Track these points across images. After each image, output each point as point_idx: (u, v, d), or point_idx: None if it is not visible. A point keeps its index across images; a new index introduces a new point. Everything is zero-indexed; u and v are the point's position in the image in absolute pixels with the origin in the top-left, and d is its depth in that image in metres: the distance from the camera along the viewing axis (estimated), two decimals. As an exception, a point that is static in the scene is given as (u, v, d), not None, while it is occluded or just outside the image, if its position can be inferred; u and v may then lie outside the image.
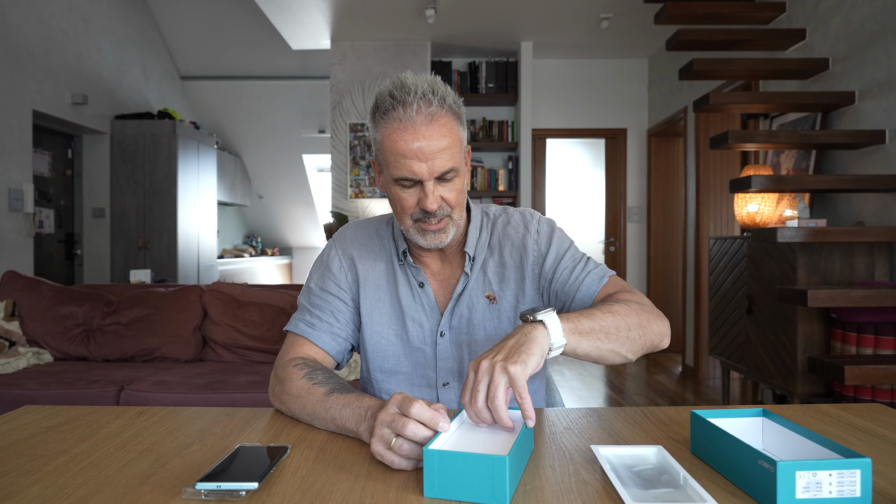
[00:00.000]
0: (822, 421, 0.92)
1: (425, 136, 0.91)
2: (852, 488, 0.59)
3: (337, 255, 1.11)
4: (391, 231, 1.12)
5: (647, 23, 4.38)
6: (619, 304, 0.93)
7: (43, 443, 0.83)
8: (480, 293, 1.07)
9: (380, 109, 0.94)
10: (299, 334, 1.06)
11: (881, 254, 2.42)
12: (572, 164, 7.44)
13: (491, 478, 0.62)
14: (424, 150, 0.91)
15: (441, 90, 0.93)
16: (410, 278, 1.08)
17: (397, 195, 0.97)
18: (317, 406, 0.89)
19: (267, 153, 7.40)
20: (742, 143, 2.60)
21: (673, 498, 0.62)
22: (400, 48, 4.98)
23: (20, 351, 2.78)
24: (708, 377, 4.41)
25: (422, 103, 0.90)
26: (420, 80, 0.93)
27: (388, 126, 0.92)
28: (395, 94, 0.92)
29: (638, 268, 5.47)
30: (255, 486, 0.65)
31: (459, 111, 0.97)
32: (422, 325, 1.07)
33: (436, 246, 1.00)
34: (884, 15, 2.47)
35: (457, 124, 0.96)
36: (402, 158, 0.92)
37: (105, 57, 5.15)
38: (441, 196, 0.96)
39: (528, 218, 1.11)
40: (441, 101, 0.92)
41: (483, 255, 1.09)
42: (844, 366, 2.03)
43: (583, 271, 1.05)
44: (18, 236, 4.15)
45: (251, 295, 3.03)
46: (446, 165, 0.93)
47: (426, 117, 0.91)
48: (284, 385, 0.96)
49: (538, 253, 1.07)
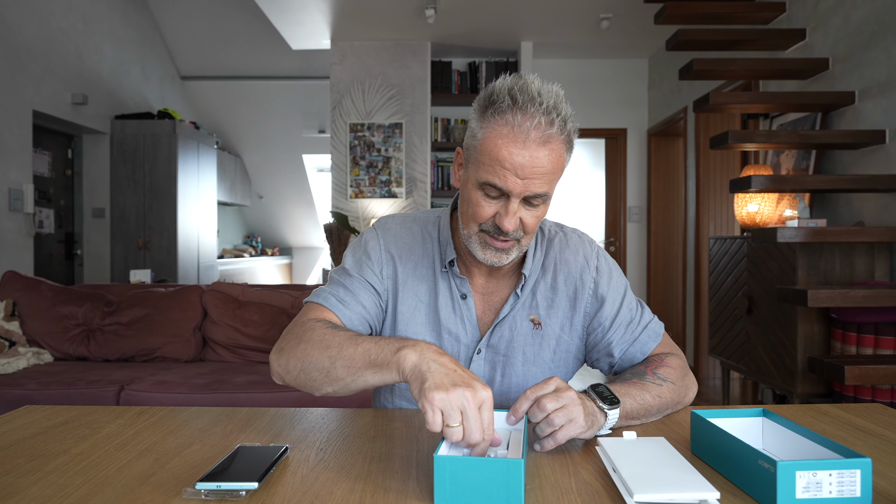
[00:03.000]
0: (822, 421, 0.92)
1: (533, 154, 0.84)
2: (852, 488, 0.60)
3: (378, 245, 1.03)
4: (437, 234, 1.04)
5: (647, 23, 4.38)
6: (668, 383, 0.95)
7: (43, 443, 0.83)
8: (525, 315, 1.02)
9: (494, 105, 0.86)
10: (327, 307, 0.97)
11: (881, 254, 2.42)
12: (572, 164, 7.42)
13: (506, 482, 0.61)
14: (525, 168, 0.84)
15: (564, 112, 0.86)
16: (453, 288, 1.02)
17: (476, 199, 0.90)
18: (346, 342, 0.83)
19: (267, 153, 7.40)
20: (742, 143, 2.60)
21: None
22: (400, 48, 4.98)
23: (20, 351, 2.78)
24: (708, 377, 4.41)
25: (543, 120, 0.83)
26: (546, 92, 0.85)
27: (497, 128, 0.85)
28: (516, 96, 0.84)
29: (638, 268, 5.47)
30: (255, 486, 0.65)
31: (572, 139, 0.90)
32: (459, 340, 1.01)
33: (493, 264, 0.94)
34: (884, 15, 2.47)
35: (566, 153, 0.89)
36: (500, 167, 0.85)
37: (105, 57, 5.15)
38: (521, 218, 0.89)
39: (588, 248, 1.06)
40: (562, 125, 0.85)
41: (535, 276, 1.03)
42: (844, 366, 2.03)
43: (639, 325, 1.03)
44: (18, 236, 4.15)
45: (251, 295, 3.03)
46: (541, 189, 0.86)
47: (543, 136, 0.84)
48: (303, 337, 0.88)
49: (595, 295, 1.03)
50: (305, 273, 8.65)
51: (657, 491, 0.61)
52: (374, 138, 5.01)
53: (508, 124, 0.84)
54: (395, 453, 0.79)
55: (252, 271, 7.56)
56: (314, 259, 8.66)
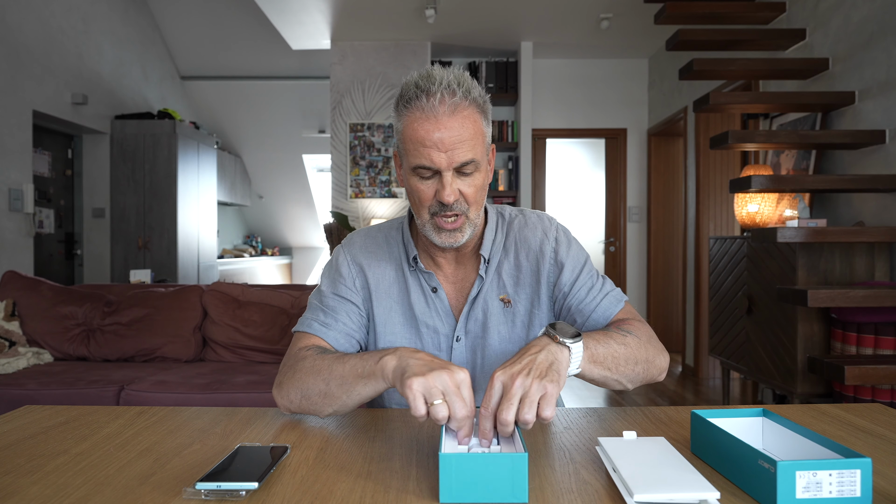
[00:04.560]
0: (822, 421, 0.92)
1: (447, 126, 0.90)
2: (852, 488, 0.59)
3: (346, 260, 1.09)
4: (401, 237, 1.09)
5: (647, 23, 4.38)
6: (632, 335, 0.95)
7: (43, 443, 0.83)
8: (495, 296, 1.06)
9: (403, 98, 0.93)
10: (313, 334, 1.03)
11: (881, 254, 2.42)
12: (572, 164, 7.44)
13: (511, 476, 0.63)
14: (445, 141, 0.90)
15: (467, 83, 0.93)
16: (423, 284, 1.06)
17: (415, 186, 0.96)
18: (333, 364, 0.88)
19: (267, 153, 7.40)
20: (742, 143, 2.60)
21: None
22: (400, 48, 4.98)
23: (20, 351, 2.78)
24: (708, 377, 4.42)
25: (446, 93, 0.90)
26: (447, 72, 0.92)
27: (410, 115, 0.92)
28: (420, 83, 0.91)
29: (638, 268, 5.47)
30: (255, 486, 0.65)
31: (485, 106, 0.96)
32: (437, 331, 1.06)
33: (450, 245, 0.98)
34: (884, 15, 2.47)
35: (481, 118, 0.95)
36: (422, 147, 0.91)
37: (105, 57, 5.15)
38: (459, 190, 0.94)
39: (547, 224, 1.10)
40: (466, 93, 0.92)
41: (498, 257, 1.07)
42: (844, 366, 2.03)
43: (600, 292, 1.04)
44: (18, 236, 4.15)
45: (251, 295, 3.03)
46: (466, 157, 0.92)
47: (449, 107, 0.90)
48: (296, 367, 0.93)
49: (555, 262, 1.06)
50: (305, 273, 8.65)
51: (657, 491, 0.61)
52: (374, 138, 5.01)
53: (419, 108, 0.91)
54: (395, 453, 0.79)
55: (252, 271, 7.56)
56: (314, 259, 8.67)
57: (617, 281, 5.44)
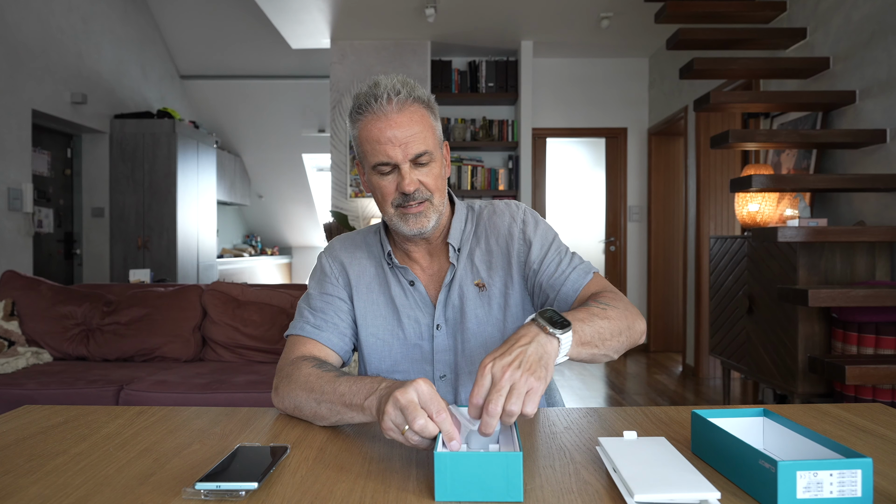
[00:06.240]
0: (822, 421, 0.92)
1: (397, 122, 0.98)
2: (853, 488, 0.59)
3: (328, 261, 1.15)
4: (378, 238, 1.15)
5: (647, 22, 4.37)
6: (611, 308, 0.95)
7: (42, 443, 0.83)
8: (469, 282, 1.10)
9: (356, 107, 1.01)
10: (306, 336, 1.06)
11: (882, 253, 2.42)
12: (572, 164, 7.44)
13: (506, 474, 0.63)
14: (398, 136, 0.97)
15: (410, 84, 1.01)
16: (401, 278, 1.11)
17: (377, 183, 1.02)
18: (325, 385, 0.89)
19: (267, 152, 7.39)
20: (742, 142, 2.60)
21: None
22: (400, 47, 4.98)
23: (19, 351, 2.78)
24: (708, 377, 4.41)
25: (392, 94, 0.98)
26: (391, 78, 1.00)
27: (363, 119, 0.99)
28: (368, 91, 0.99)
29: (638, 267, 5.47)
30: (255, 486, 0.65)
31: (430, 103, 1.03)
32: (418, 321, 1.10)
33: (419, 231, 1.03)
34: (884, 14, 2.46)
35: (428, 114, 1.02)
36: (378, 145, 0.98)
37: (104, 56, 5.14)
38: (419, 180, 1.00)
39: (514, 208, 1.15)
40: (410, 92, 1.00)
41: (469, 245, 1.12)
42: (845, 366, 2.03)
43: (569, 266, 1.08)
44: (18, 236, 4.15)
45: (251, 295, 3.03)
46: (419, 148, 0.99)
47: (396, 105, 0.98)
48: (292, 377, 0.95)
49: (523, 241, 1.10)
50: (305, 272, 8.65)
51: (657, 491, 0.61)
52: (374, 138, 5.00)
53: (371, 111, 0.99)
54: (395, 453, 0.79)
55: (252, 271, 7.56)
56: (314, 259, 8.63)
57: (617, 281, 5.45)
